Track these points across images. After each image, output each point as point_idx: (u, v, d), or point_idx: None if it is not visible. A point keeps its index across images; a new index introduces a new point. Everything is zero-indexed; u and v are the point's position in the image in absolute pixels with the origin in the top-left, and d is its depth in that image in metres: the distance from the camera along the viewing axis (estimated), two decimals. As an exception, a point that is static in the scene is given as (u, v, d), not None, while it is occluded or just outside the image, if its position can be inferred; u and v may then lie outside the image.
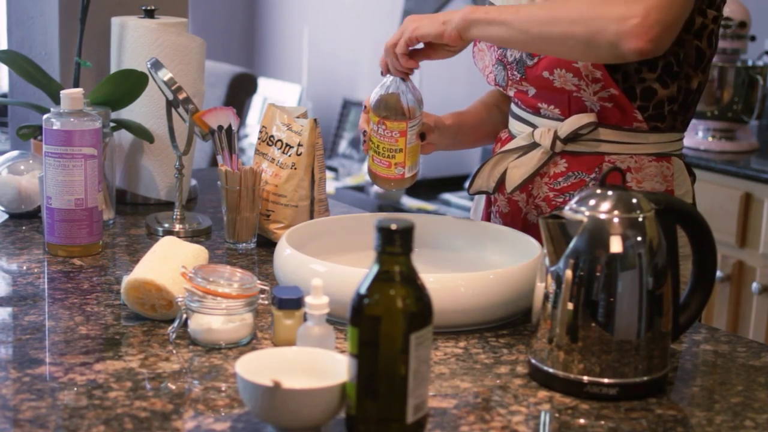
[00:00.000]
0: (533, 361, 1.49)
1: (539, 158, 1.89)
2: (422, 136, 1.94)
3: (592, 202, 1.45)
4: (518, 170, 1.92)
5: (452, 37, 1.81)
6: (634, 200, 1.45)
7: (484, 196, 2.08)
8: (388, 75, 1.90)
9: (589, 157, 1.87)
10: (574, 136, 1.86)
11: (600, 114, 1.85)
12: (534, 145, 1.91)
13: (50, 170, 1.95)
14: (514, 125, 1.99)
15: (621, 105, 1.83)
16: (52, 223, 1.96)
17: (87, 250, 1.98)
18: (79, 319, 1.68)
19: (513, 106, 2.00)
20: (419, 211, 4.53)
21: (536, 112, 1.92)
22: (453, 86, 4.96)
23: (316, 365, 1.36)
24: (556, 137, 1.87)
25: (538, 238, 1.64)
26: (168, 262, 1.67)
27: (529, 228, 1.94)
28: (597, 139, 1.86)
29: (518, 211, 1.96)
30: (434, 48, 1.88)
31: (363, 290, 1.26)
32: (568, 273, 1.43)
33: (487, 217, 2.07)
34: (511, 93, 1.95)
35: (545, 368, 1.47)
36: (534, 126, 1.92)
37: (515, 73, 1.91)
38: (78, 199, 1.96)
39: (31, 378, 1.45)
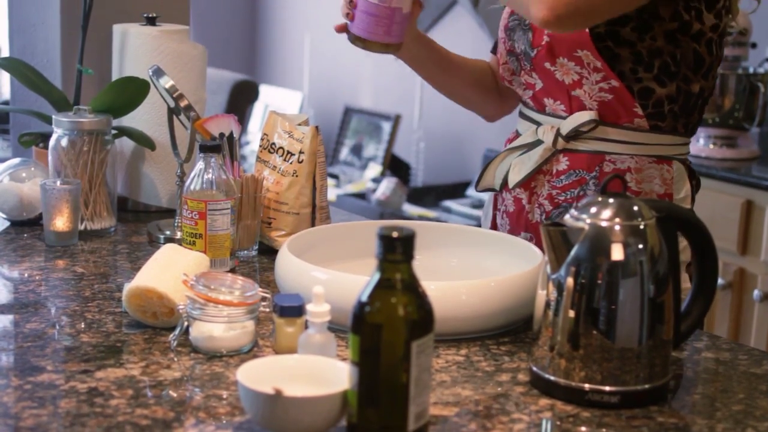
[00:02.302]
0: (534, 368, 1.49)
1: (541, 155, 1.93)
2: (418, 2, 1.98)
3: (593, 209, 1.45)
4: (521, 166, 1.97)
5: None
6: (636, 208, 1.45)
7: (492, 200, 2.10)
8: None
9: (590, 155, 1.90)
10: (575, 134, 1.90)
11: (601, 110, 1.88)
12: (537, 143, 1.95)
13: None
14: (521, 124, 2.03)
15: (622, 98, 1.86)
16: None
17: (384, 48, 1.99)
18: (81, 326, 1.68)
19: (521, 106, 2.04)
20: (420, 218, 4.54)
21: (542, 109, 1.96)
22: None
23: (317, 373, 1.36)
24: (558, 134, 1.91)
25: (540, 237, 1.65)
26: (169, 270, 1.67)
27: (532, 227, 1.96)
28: (598, 137, 1.89)
29: (522, 210, 1.98)
30: None
31: (364, 298, 1.26)
32: (570, 280, 1.43)
33: (494, 219, 2.08)
34: (523, 81, 1.98)
35: (546, 376, 1.47)
36: (538, 123, 1.96)
37: (525, 63, 1.96)
38: None
39: (33, 385, 1.45)
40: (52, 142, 2.17)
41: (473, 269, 1.86)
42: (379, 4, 1.93)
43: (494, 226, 2.10)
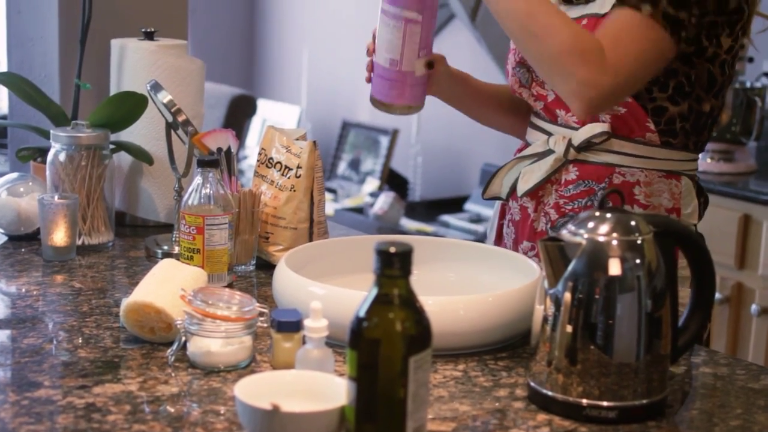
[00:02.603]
0: (532, 384, 1.49)
1: (551, 164, 1.94)
2: (430, 64, 1.96)
3: (590, 224, 1.45)
4: (531, 175, 1.97)
5: None
6: (633, 223, 1.45)
7: (499, 209, 2.10)
8: None
9: (600, 167, 1.91)
10: (587, 145, 1.90)
11: (614, 123, 1.88)
12: (548, 152, 1.95)
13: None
14: (531, 135, 2.03)
15: (635, 113, 1.86)
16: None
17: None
18: (78, 341, 1.67)
19: (532, 116, 2.04)
20: (418, 232, 4.54)
21: (554, 120, 1.96)
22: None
23: (315, 388, 1.36)
24: (570, 144, 1.91)
25: None
26: (167, 285, 1.67)
27: (537, 236, 1.96)
28: (609, 150, 1.90)
29: (527, 218, 1.99)
30: None
31: (362, 313, 1.26)
32: (567, 296, 1.43)
33: (500, 229, 2.09)
34: (534, 93, 1.98)
35: (544, 391, 1.47)
36: (550, 134, 1.97)
37: (537, 75, 1.96)
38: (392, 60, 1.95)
39: (30, 401, 1.45)
40: (50, 156, 2.17)
41: (471, 284, 1.86)
42: (389, 68, 1.94)
43: (499, 235, 2.10)
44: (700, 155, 2.00)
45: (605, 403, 1.43)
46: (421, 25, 1.90)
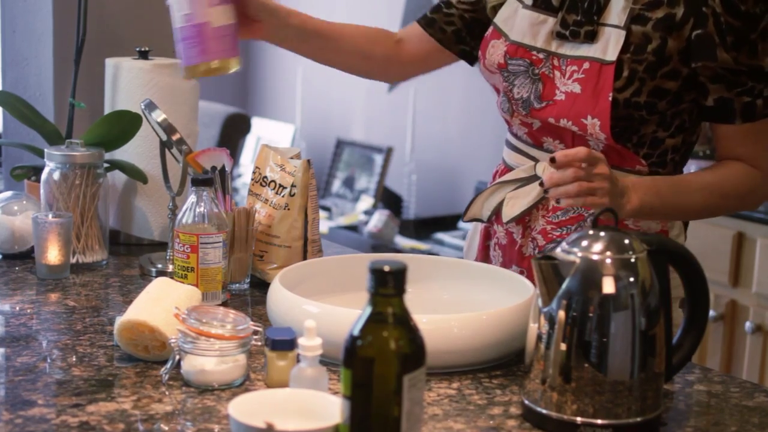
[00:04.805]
0: (526, 402, 1.49)
1: (539, 191, 1.91)
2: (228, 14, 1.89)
3: (584, 243, 1.46)
4: (517, 201, 1.94)
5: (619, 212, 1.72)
6: (627, 241, 1.46)
7: (478, 232, 2.09)
8: None
9: None
10: None
11: (605, 152, 1.85)
12: (534, 178, 1.93)
13: None
14: (512, 158, 2.00)
15: (623, 153, 1.85)
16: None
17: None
18: (72, 360, 1.67)
19: (512, 139, 2.01)
20: (412, 250, 4.53)
21: (539, 145, 1.94)
22: (447, 123, 4.98)
23: (309, 407, 1.36)
24: None
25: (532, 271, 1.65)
26: (161, 303, 1.67)
27: (525, 260, 1.95)
28: None
29: (514, 243, 1.97)
30: None
31: (356, 332, 1.26)
32: (561, 314, 1.44)
33: (484, 251, 2.07)
34: (516, 123, 1.97)
35: (538, 409, 1.47)
36: (536, 160, 1.94)
37: (520, 109, 1.94)
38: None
39: (24, 420, 1.45)
40: (44, 175, 2.17)
41: (465, 302, 1.86)
42: (185, 26, 1.85)
43: (482, 258, 2.08)
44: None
45: (599, 421, 1.43)
46: None
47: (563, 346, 1.44)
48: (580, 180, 1.67)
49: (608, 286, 1.43)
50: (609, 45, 1.83)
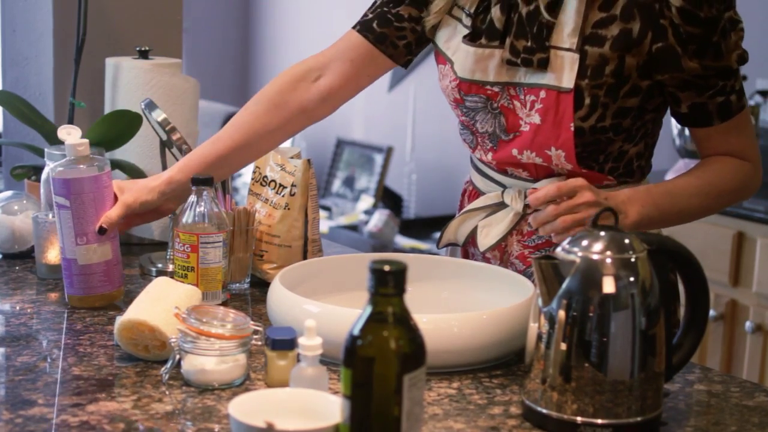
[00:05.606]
0: (527, 401, 1.49)
1: (511, 219, 1.90)
2: (101, 229, 1.89)
3: (584, 242, 1.46)
4: (490, 229, 1.92)
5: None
6: (627, 241, 1.46)
7: (458, 251, 2.07)
8: None
9: None
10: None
11: (571, 176, 1.82)
12: (502, 205, 1.91)
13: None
14: (478, 181, 1.98)
15: (589, 175, 1.83)
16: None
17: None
18: (72, 359, 1.67)
19: (477, 162, 1.98)
20: (412, 250, 4.54)
21: (503, 171, 1.91)
22: (447, 123, 4.98)
23: (309, 406, 1.36)
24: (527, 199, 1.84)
25: None
26: (161, 303, 1.67)
27: None
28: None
29: None
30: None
31: (356, 331, 1.26)
32: (561, 313, 1.44)
33: None
34: (477, 155, 1.95)
35: (539, 409, 1.47)
36: (503, 185, 1.92)
37: (486, 142, 1.91)
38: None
39: (24, 419, 1.45)
40: (44, 174, 2.17)
41: (465, 302, 1.86)
42: (62, 258, 1.90)
43: None
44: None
45: (600, 421, 1.43)
46: (71, 211, 1.87)
47: (563, 346, 1.44)
48: (561, 215, 1.68)
49: (608, 285, 1.43)
50: (564, 71, 1.77)
